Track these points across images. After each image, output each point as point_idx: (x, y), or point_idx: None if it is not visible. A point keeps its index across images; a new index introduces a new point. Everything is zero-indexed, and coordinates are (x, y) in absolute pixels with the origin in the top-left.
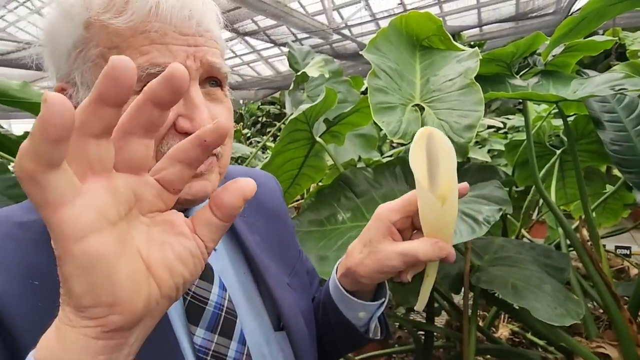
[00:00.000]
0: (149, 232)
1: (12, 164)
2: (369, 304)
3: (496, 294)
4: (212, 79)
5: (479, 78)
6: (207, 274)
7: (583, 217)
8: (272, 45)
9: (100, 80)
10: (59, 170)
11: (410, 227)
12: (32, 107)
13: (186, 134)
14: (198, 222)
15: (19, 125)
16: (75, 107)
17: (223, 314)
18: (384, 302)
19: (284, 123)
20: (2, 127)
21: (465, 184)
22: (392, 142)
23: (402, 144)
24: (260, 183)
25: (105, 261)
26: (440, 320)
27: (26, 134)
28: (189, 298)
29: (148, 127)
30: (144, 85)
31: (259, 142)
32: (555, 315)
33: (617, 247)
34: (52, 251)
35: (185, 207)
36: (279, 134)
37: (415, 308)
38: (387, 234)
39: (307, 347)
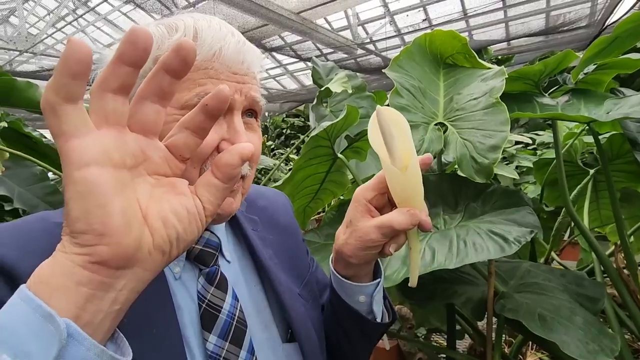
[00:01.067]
0: (152, 190)
1: (51, 172)
2: (365, 285)
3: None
4: (250, 111)
5: (505, 96)
6: (221, 283)
7: (619, 242)
8: (298, 59)
9: (120, 43)
10: (76, 106)
11: (387, 204)
12: None
13: None
14: (199, 184)
15: None
16: None
17: (235, 322)
18: (379, 282)
19: (307, 136)
20: (44, 137)
21: (428, 155)
22: None
23: None
24: (272, 200)
25: (100, 190)
26: (464, 344)
27: None
28: (204, 305)
29: (159, 94)
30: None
31: (282, 153)
32: (587, 351)
33: None
34: None
35: (211, 223)
36: (302, 146)
37: (408, 285)
38: (365, 212)
39: (317, 356)
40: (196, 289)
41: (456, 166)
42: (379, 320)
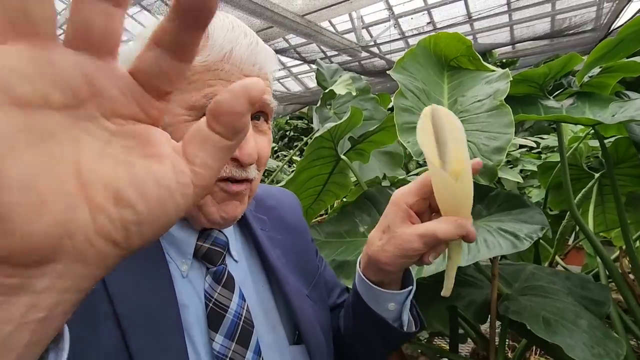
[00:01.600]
0: (107, 144)
1: None
2: (397, 293)
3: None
4: (259, 113)
5: (509, 99)
6: (228, 283)
7: (624, 246)
8: (302, 62)
9: None
10: None
11: (428, 209)
12: None
13: (235, 160)
14: (189, 140)
15: None
16: None
17: (241, 323)
18: (412, 289)
19: (310, 138)
20: None
21: (478, 160)
22: (418, 160)
23: None
24: (281, 199)
25: None
26: (466, 348)
27: None
28: (211, 304)
29: None
30: (204, 113)
31: (285, 155)
32: (592, 355)
33: None
34: None
35: (214, 228)
36: (306, 147)
37: (441, 294)
38: (404, 217)
39: (324, 359)
40: (203, 287)
41: None
42: (405, 329)
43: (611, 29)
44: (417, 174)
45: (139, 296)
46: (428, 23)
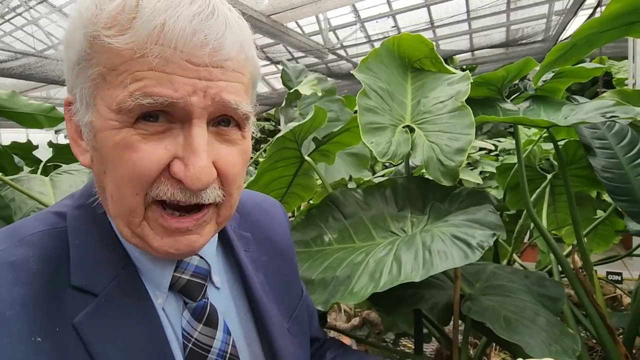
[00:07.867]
0: None
1: None
2: None
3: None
4: (224, 118)
5: (469, 101)
6: (211, 319)
7: (575, 243)
8: (269, 62)
9: None
10: None
11: None
12: (17, 117)
13: (179, 182)
14: None
15: (7, 135)
16: (76, 125)
17: None
18: None
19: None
20: None
21: None
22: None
23: (394, 165)
24: (268, 213)
25: None
26: (431, 347)
27: (14, 143)
28: (190, 345)
29: None
30: (136, 118)
31: (251, 157)
32: (549, 352)
33: (608, 273)
34: (50, 292)
35: (172, 258)
36: (267, 148)
37: None
38: None
39: None
40: (180, 324)
41: (423, 170)
42: None
43: (559, 40)
44: (382, 176)
45: (122, 333)
46: (393, 27)
